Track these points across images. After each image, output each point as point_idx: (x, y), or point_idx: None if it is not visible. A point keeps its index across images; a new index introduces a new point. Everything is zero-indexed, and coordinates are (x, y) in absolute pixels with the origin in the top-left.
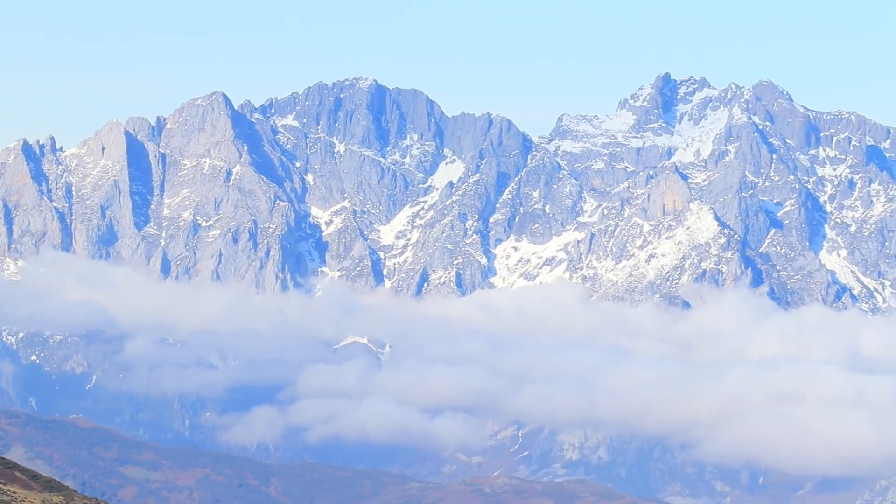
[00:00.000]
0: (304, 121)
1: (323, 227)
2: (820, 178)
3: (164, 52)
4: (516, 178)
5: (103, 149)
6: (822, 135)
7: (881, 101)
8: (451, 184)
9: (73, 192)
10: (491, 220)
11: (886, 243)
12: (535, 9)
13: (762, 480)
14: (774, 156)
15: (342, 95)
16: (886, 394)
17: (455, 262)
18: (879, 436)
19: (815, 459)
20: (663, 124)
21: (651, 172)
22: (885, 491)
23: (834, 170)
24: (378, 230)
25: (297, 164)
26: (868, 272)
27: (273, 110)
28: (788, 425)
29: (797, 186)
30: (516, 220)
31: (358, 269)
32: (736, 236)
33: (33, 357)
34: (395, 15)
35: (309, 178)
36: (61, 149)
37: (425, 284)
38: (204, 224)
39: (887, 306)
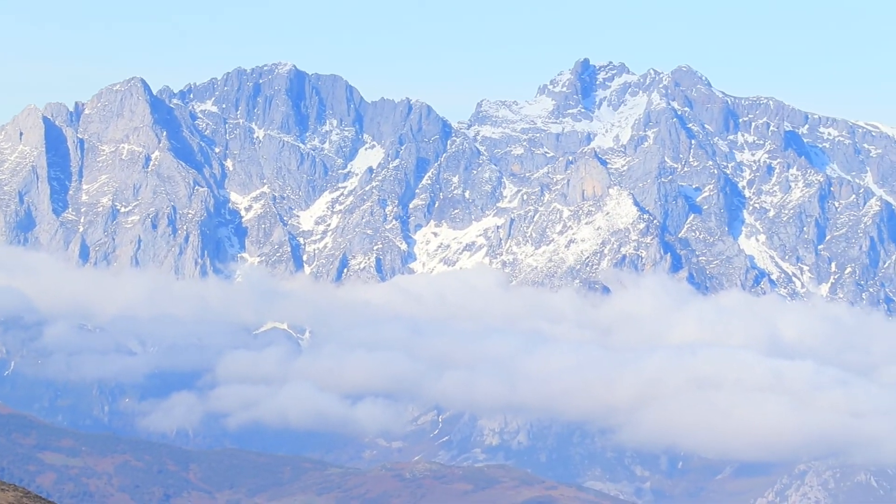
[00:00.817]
0: (223, 106)
1: (242, 212)
2: (738, 163)
3: (82, 38)
4: (436, 164)
5: (21, 134)
6: (740, 120)
7: (799, 87)
8: (370, 169)
9: None
10: (411, 205)
11: (805, 228)
12: None
13: (681, 465)
14: (693, 141)
15: (261, 81)
16: (804, 379)
17: (375, 248)
18: (797, 420)
19: (733, 444)
20: (582, 110)
21: (570, 158)
22: (803, 475)
23: (752, 155)
24: (297, 216)
25: (217, 150)
26: (786, 257)
27: (192, 96)
28: (707, 410)
29: (716, 172)
30: (436, 205)
31: (277, 254)
32: (655, 221)
33: None
34: (313, 0)
35: (228, 163)
36: None
37: (345, 270)
38: (123, 210)
39: (805, 291)
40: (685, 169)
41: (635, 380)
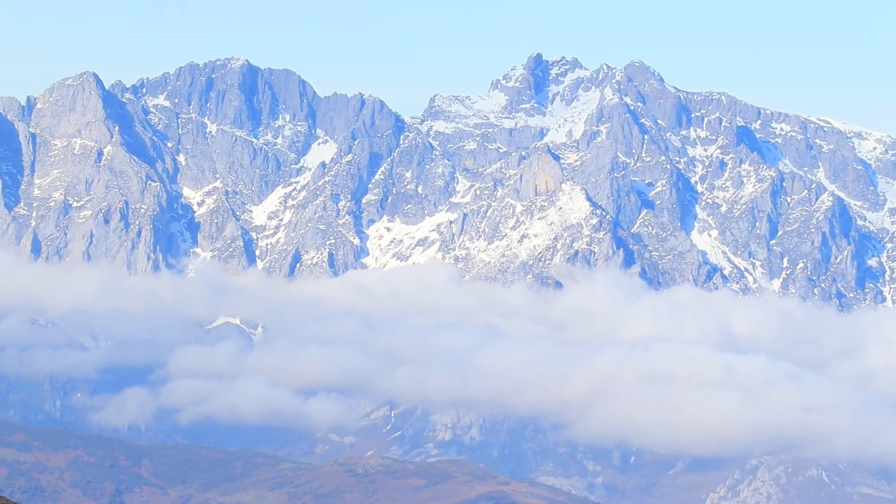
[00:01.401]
0: (176, 101)
1: (195, 207)
2: (691, 158)
3: (34, 32)
4: (389, 159)
5: None
6: (693, 115)
7: (752, 82)
8: (323, 164)
9: None
10: (363, 200)
11: (757, 224)
12: None
13: (633, 460)
14: (646, 136)
15: (214, 76)
16: (757, 374)
17: (328, 243)
18: (750, 415)
19: (686, 439)
20: (535, 105)
21: (523, 153)
22: (755, 470)
23: (705, 150)
24: (250, 211)
25: (169, 145)
26: (738, 252)
27: (144, 90)
28: (660, 405)
29: (668, 167)
30: (389, 200)
31: (230, 249)
32: (608, 217)
33: None
34: None
35: (181, 158)
36: None
37: (298, 265)
38: (75, 204)
39: (758, 286)
40: (638, 164)
41: (588, 375)
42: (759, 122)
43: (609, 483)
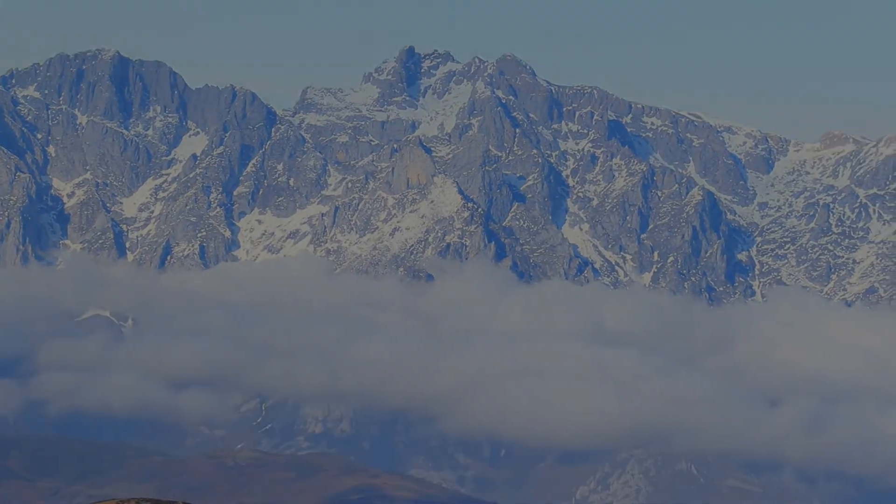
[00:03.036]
0: (46, 92)
1: (65, 199)
2: (563, 152)
3: None
4: (260, 151)
5: None
6: (564, 109)
7: (623, 77)
8: (194, 156)
9: None
10: (235, 192)
11: (628, 217)
12: None
13: (504, 453)
14: (517, 130)
15: (84, 67)
16: (627, 367)
17: (199, 235)
18: (620, 408)
19: (556, 432)
20: (407, 98)
21: (395, 146)
22: (625, 463)
23: (576, 144)
24: (121, 202)
25: (39, 136)
26: (610, 246)
27: (14, 81)
28: (530, 398)
29: (540, 161)
30: (260, 193)
31: (100, 241)
32: (479, 210)
33: None
34: None
35: (51, 149)
36: None
37: (168, 257)
38: None
39: (628, 280)
40: (509, 157)
41: (459, 368)
42: (630, 116)
43: (479, 476)
